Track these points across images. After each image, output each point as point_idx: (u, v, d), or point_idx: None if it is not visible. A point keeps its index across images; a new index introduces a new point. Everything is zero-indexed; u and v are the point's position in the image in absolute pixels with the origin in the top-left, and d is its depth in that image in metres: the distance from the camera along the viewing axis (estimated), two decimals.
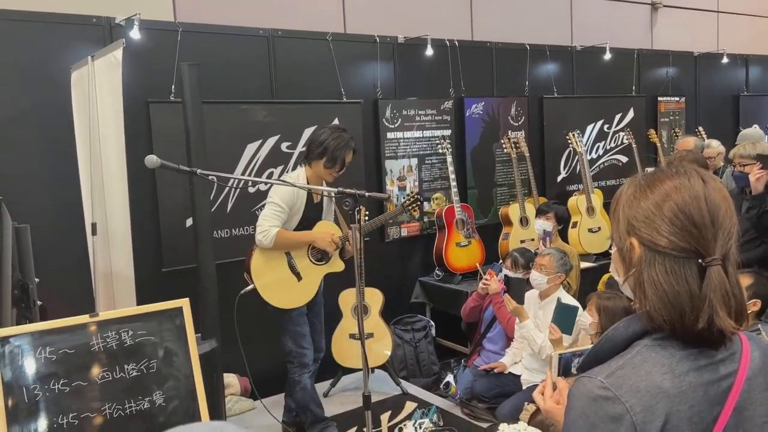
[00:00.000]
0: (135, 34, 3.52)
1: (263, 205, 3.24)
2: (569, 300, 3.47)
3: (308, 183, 3.19)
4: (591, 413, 1.00)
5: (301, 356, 3.24)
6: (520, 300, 3.53)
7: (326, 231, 3.25)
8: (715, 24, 7.15)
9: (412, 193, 3.59)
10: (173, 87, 3.63)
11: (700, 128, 6.01)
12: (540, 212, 4.53)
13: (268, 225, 3.06)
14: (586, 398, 1.02)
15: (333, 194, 2.82)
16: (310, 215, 3.22)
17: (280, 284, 3.17)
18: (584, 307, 3.26)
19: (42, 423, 2.08)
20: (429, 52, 4.66)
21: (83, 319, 2.21)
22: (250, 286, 3.14)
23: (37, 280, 2.54)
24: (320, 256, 3.27)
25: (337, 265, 3.33)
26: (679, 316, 1.01)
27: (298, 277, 3.20)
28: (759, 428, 1.07)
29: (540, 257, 3.59)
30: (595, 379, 1.02)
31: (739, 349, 1.09)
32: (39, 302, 2.60)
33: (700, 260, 1.02)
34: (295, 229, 3.18)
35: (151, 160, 2.36)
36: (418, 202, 3.70)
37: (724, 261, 1.03)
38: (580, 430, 1.01)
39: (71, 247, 3.37)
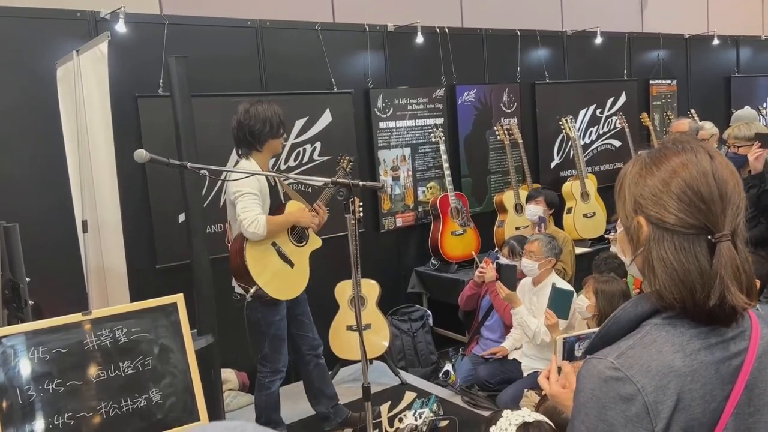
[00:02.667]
0: (120, 27, 3.46)
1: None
2: (564, 285, 3.45)
3: (260, 169, 3.06)
4: (602, 394, 0.98)
5: (275, 362, 3.14)
6: (513, 287, 3.52)
7: (303, 209, 3.12)
8: (705, 6, 7.14)
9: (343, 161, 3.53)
10: (161, 81, 3.57)
11: (692, 111, 6.01)
12: (529, 198, 4.52)
13: (254, 215, 2.88)
14: (596, 379, 1.00)
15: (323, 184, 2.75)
16: (273, 200, 3.11)
17: (280, 276, 3.05)
18: (580, 291, 3.25)
19: (37, 424, 2.04)
20: (419, 39, 4.61)
21: (76, 317, 2.16)
22: (254, 288, 2.94)
23: (28, 279, 2.50)
24: (299, 237, 3.16)
25: (316, 242, 3.23)
26: (690, 294, 0.99)
27: (290, 264, 3.09)
28: None
29: (528, 244, 3.57)
30: (606, 359, 1.00)
31: (749, 327, 1.07)
32: (32, 301, 2.56)
33: (709, 236, 1.00)
34: None
35: (140, 154, 2.31)
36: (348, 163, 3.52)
37: (733, 236, 1.01)
38: (590, 412, 0.99)
39: (62, 245, 3.32)
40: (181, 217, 3.55)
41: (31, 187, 3.34)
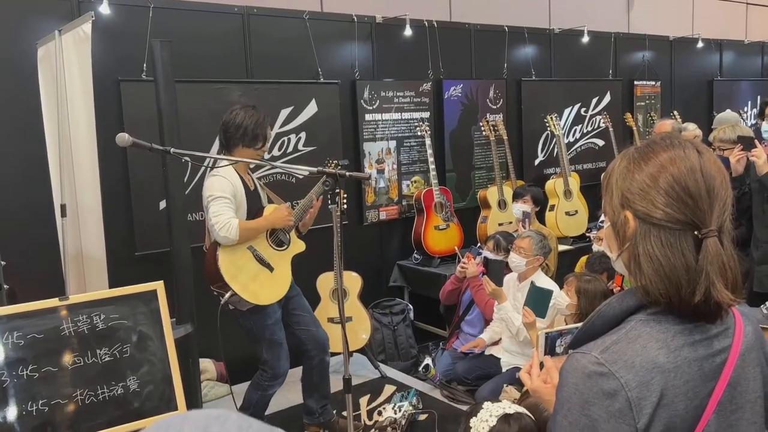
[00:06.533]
0: (104, 9, 3.40)
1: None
2: (545, 283, 3.45)
3: (237, 172, 2.95)
4: (585, 389, 0.98)
5: (276, 367, 3.06)
6: (499, 282, 3.52)
7: (275, 209, 3.02)
8: (690, 9, 7.20)
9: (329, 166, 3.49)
10: (145, 65, 3.51)
11: (675, 112, 6.07)
12: (516, 196, 4.53)
13: (226, 218, 2.79)
14: (580, 374, 0.99)
15: (308, 173, 2.70)
16: (252, 204, 3.00)
17: (257, 280, 2.94)
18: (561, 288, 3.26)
19: (10, 411, 2.01)
20: (407, 32, 4.59)
21: (53, 302, 2.13)
22: (229, 292, 2.86)
23: (3, 263, 2.45)
24: (279, 241, 3.06)
25: (298, 246, 3.13)
26: (675, 290, 0.99)
27: (270, 268, 2.98)
28: (751, 404, 1.06)
29: (519, 239, 3.57)
30: (589, 354, 1.00)
31: (732, 324, 1.07)
32: (6, 286, 2.51)
33: (696, 232, 1.00)
34: None
35: (122, 138, 2.26)
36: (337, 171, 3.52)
37: (719, 232, 1.01)
38: (573, 407, 0.99)
39: (40, 229, 3.26)
40: (162, 204, 3.51)
41: (8, 169, 3.27)
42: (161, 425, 0.60)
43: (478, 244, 4.53)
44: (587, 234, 4.94)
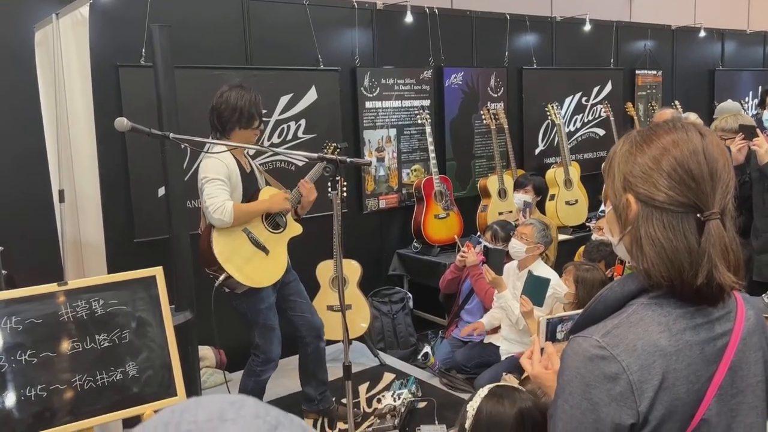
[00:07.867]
0: None
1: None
2: (543, 271, 3.44)
3: (232, 155, 2.90)
4: (586, 373, 0.98)
5: (268, 352, 3.05)
6: (499, 271, 3.52)
7: (274, 195, 2.99)
8: None
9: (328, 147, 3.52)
10: (144, 50, 3.49)
11: (677, 102, 6.04)
12: (518, 185, 4.52)
13: (220, 201, 2.75)
14: (581, 357, 0.99)
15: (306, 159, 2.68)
16: (248, 186, 2.97)
17: (252, 263, 2.92)
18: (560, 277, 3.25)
19: (8, 395, 2.00)
20: (408, 19, 4.56)
21: (51, 287, 2.12)
22: (223, 275, 2.84)
23: (1, 248, 2.44)
24: (275, 224, 3.03)
25: (295, 229, 3.10)
26: (678, 273, 0.98)
27: (265, 250, 2.95)
28: (752, 387, 1.06)
29: (522, 226, 3.57)
30: (591, 338, 1.00)
31: (734, 309, 1.07)
32: (5, 271, 2.50)
33: (698, 215, 1.00)
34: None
35: (121, 122, 2.25)
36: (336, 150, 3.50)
37: (722, 215, 1.01)
38: (575, 391, 0.99)
39: (38, 216, 3.25)
40: (161, 191, 3.49)
41: (5, 154, 3.26)
42: (176, 410, 0.58)
43: (478, 233, 4.53)
44: (587, 223, 4.93)
